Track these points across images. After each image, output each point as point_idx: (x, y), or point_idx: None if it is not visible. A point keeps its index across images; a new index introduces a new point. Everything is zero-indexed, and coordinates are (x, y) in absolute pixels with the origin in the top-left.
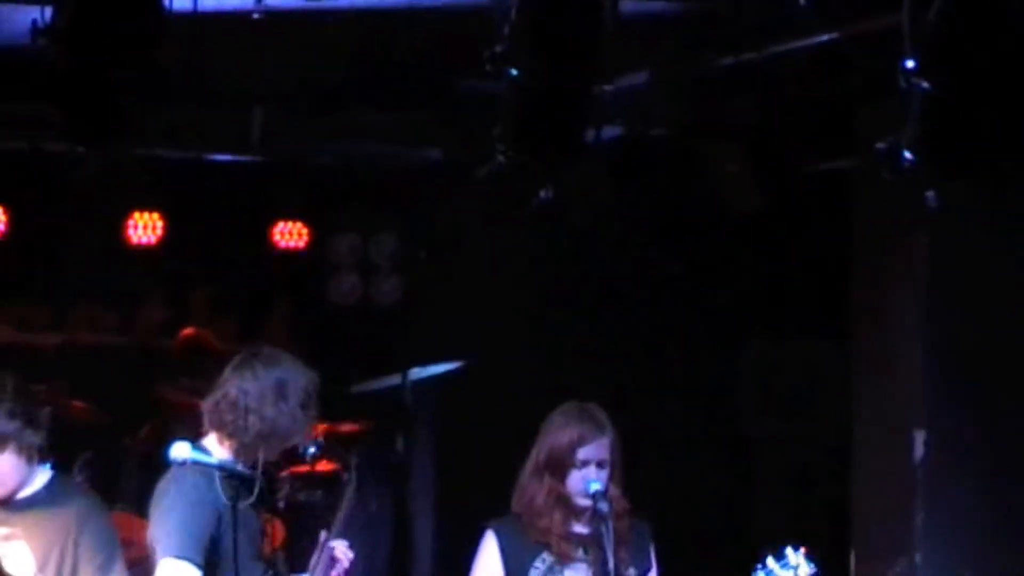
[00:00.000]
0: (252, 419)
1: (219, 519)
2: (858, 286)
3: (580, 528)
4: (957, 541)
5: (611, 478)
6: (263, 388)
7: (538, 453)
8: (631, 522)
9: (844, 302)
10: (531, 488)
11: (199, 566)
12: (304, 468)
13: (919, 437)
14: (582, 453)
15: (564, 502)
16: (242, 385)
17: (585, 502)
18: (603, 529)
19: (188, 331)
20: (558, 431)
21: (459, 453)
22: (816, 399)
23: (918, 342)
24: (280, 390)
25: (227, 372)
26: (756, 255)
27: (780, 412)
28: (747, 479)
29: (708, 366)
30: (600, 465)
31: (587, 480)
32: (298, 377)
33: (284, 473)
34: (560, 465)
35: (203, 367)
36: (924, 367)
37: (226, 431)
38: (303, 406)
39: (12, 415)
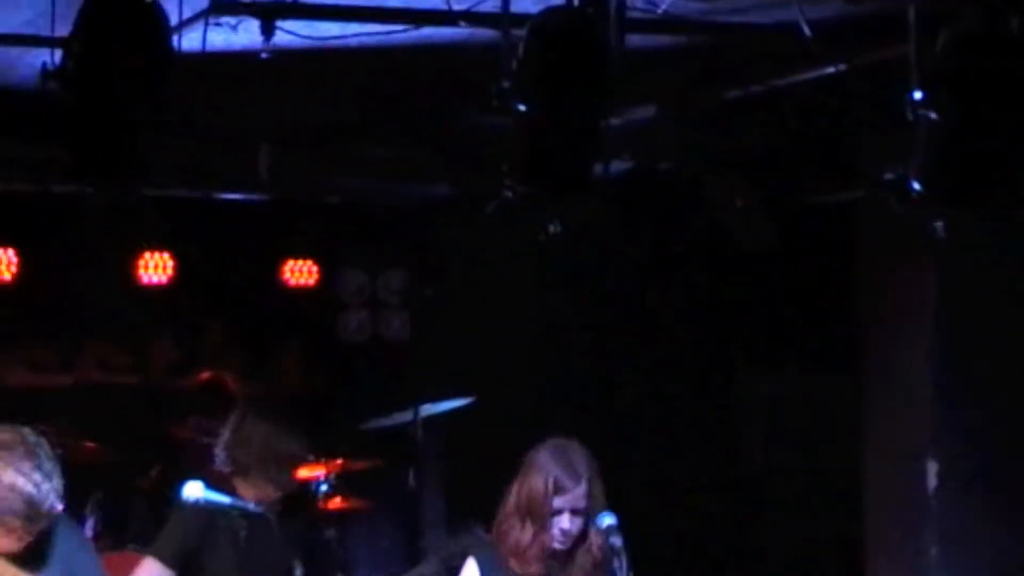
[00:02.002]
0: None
1: (217, 543)
2: (865, 317)
3: (556, 567)
4: (972, 573)
5: (586, 522)
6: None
7: (518, 492)
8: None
9: (852, 334)
10: (511, 525)
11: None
12: (317, 505)
13: (931, 468)
14: (557, 502)
15: (543, 544)
16: (247, 425)
17: (562, 547)
18: (616, 564)
19: (207, 374)
20: (537, 475)
21: (470, 488)
22: (824, 432)
23: (927, 373)
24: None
25: (236, 414)
26: (764, 288)
27: (788, 445)
28: (757, 513)
29: (715, 399)
30: (574, 512)
31: (600, 516)
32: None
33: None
34: (538, 512)
35: (216, 407)
36: (934, 398)
37: (237, 469)
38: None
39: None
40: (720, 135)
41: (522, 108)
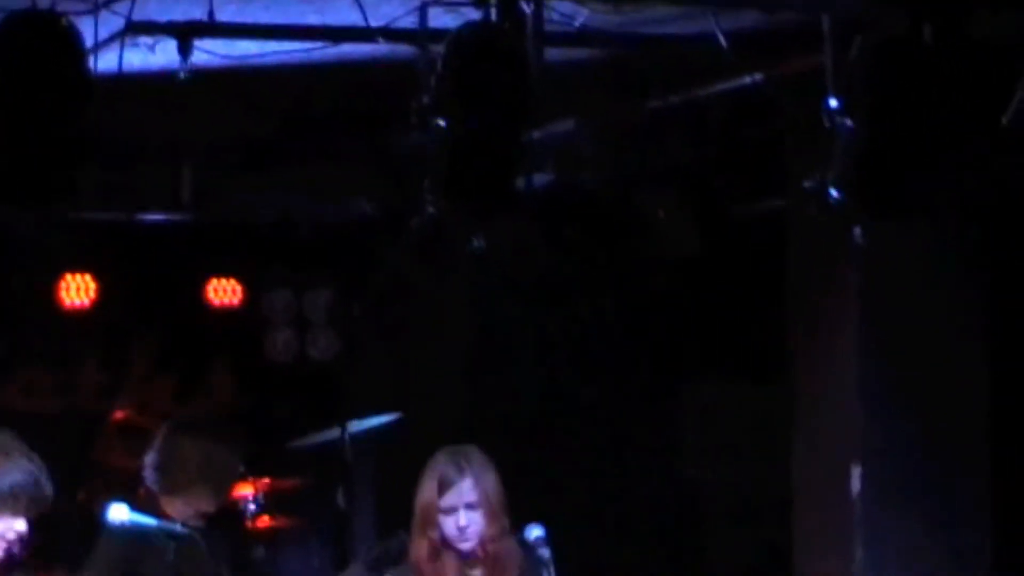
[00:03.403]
0: (192, 468)
1: (145, 565)
2: (793, 325)
3: (477, 573)
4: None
5: (487, 516)
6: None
7: (415, 504)
8: (524, 555)
9: (781, 342)
10: (413, 543)
11: None
12: (246, 525)
13: (856, 471)
14: (444, 501)
15: (447, 548)
16: (182, 443)
17: (466, 546)
18: (544, 574)
19: (118, 414)
20: (423, 484)
21: (399, 506)
22: (758, 439)
23: (853, 378)
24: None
25: (163, 432)
26: (693, 298)
27: (722, 454)
28: (693, 521)
29: (648, 410)
30: (469, 507)
31: (528, 527)
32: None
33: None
34: (430, 517)
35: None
36: (859, 402)
37: (168, 488)
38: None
39: None
40: (643, 146)
41: (441, 124)
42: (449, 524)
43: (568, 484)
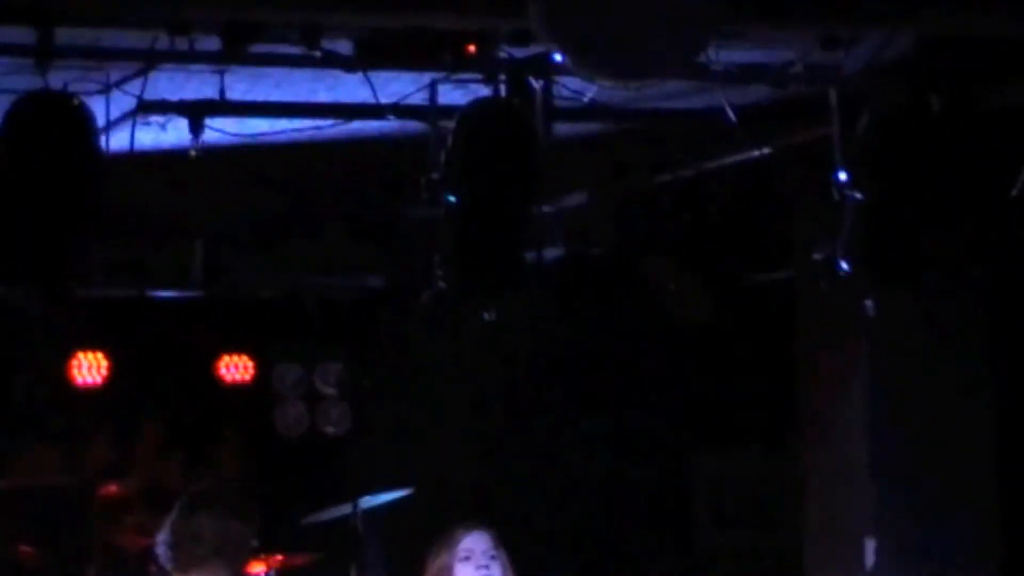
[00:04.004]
0: (206, 542)
1: None
2: (803, 396)
3: None
4: None
5: (503, 571)
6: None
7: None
8: None
9: (791, 411)
10: None
11: None
12: None
13: (870, 545)
14: (465, 543)
15: None
16: (195, 517)
17: None
18: None
19: (127, 492)
20: (438, 544)
21: None
22: (768, 508)
23: (864, 449)
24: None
25: (177, 508)
26: (703, 368)
27: (733, 522)
28: None
29: (659, 479)
30: (489, 556)
31: None
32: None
33: None
34: (446, 567)
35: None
36: (871, 474)
37: (182, 564)
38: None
39: None
40: (653, 218)
41: (452, 199)
42: (466, 571)
43: (581, 557)
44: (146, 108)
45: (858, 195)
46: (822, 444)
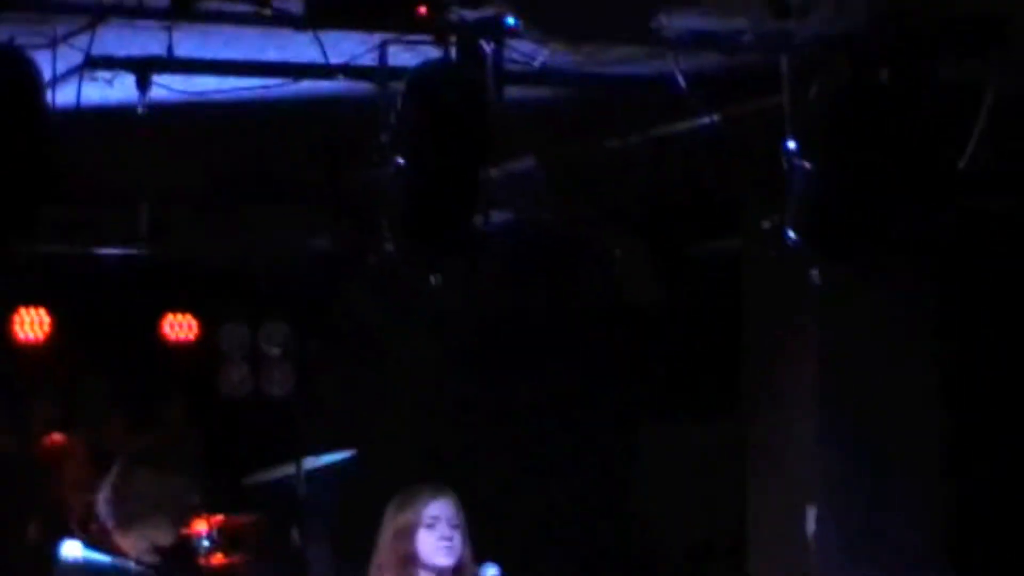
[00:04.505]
0: (148, 500)
1: None
2: (750, 366)
3: None
4: None
5: (464, 540)
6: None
7: (384, 534)
8: None
9: (739, 382)
10: (381, 563)
11: None
12: (199, 562)
13: (811, 513)
14: (431, 509)
15: (417, 567)
16: (137, 476)
17: (443, 562)
18: None
19: (70, 450)
20: (401, 504)
21: (355, 542)
22: (714, 479)
23: (810, 419)
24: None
25: (118, 466)
26: (651, 338)
27: (679, 493)
28: (649, 562)
29: (605, 451)
30: (453, 526)
31: (484, 567)
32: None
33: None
34: (408, 529)
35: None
36: (816, 443)
37: (123, 522)
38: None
39: None
40: (601, 186)
41: (401, 162)
42: (429, 538)
43: (523, 523)
44: (93, 64)
45: (807, 164)
46: (766, 415)
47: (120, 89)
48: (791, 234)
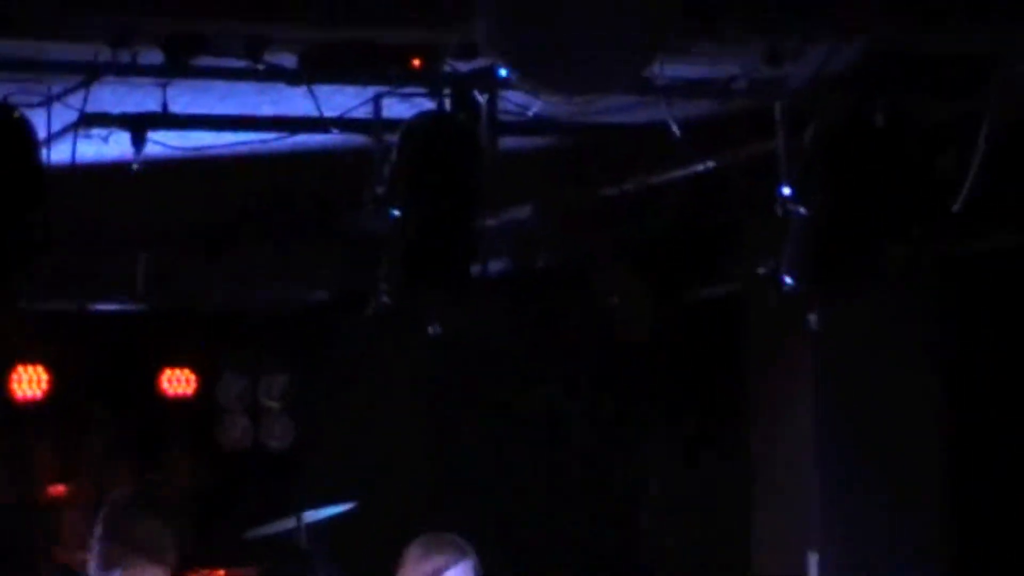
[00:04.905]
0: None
1: None
2: (751, 410)
3: None
4: None
5: None
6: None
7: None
8: None
9: (741, 426)
10: None
11: None
12: None
13: (813, 559)
14: (454, 572)
15: None
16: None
17: None
18: None
19: (55, 488)
20: (418, 561)
21: None
22: (716, 521)
23: (809, 463)
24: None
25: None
26: (653, 380)
27: (682, 535)
28: None
29: (609, 493)
30: None
31: None
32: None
33: None
34: None
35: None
36: (817, 487)
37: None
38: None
39: None
40: (597, 232)
41: (396, 213)
42: None
43: (526, 569)
44: (88, 121)
45: (802, 210)
46: (768, 459)
47: (116, 145)
48: (787, 279)
